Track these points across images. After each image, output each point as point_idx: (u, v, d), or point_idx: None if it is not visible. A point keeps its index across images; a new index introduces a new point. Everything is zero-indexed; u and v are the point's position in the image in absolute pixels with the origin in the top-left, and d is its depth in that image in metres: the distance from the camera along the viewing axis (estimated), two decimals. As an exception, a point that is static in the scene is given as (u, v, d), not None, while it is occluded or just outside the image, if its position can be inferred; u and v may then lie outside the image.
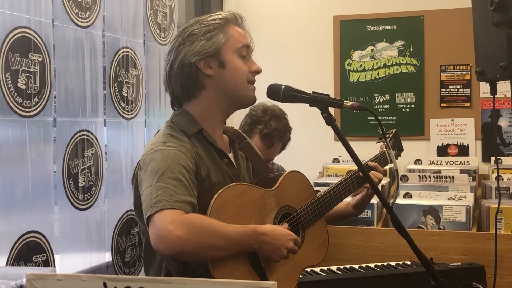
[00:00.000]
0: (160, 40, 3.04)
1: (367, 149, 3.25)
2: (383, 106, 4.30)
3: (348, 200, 2.53)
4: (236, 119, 4.14)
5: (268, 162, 3.14)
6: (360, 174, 2.36)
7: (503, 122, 4.06)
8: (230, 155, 2.24)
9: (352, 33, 4.38)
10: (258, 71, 2.20)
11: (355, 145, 2.14)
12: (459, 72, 4.16)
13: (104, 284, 0.80)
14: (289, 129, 3.12)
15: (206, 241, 1.86)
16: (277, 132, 3.03)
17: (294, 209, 2.23)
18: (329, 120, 2.06)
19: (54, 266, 2.29)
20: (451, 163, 3.94)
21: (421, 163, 3.92)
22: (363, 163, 2.22)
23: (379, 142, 2.69)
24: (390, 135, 2.83)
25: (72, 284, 0.82)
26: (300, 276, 2.30)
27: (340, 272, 2.67)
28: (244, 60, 2.18)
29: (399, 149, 2.89)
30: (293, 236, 2.05)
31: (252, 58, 2.22)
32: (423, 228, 3.13)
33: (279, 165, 3.47)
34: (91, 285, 0.81)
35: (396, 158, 2.88)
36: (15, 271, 1.28)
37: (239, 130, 2.42)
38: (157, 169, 1.96)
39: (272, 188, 2.17)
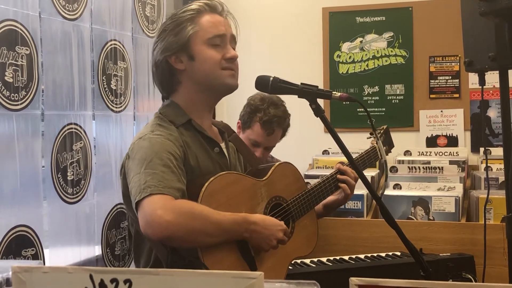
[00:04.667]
0: (148, 32, 3.03)
1: (357, 141, 3.26)
2: (373, 98, 4.31)
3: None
4: (226, 114, 4.15)
5: (268, 152, 3.16)
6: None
7: (492, 113, 4.07)
8: (222, 145, 2.23)
9: (341, 25, 4.37)
10: (233, 58, 2.15)
11: (344, 136, 2.13)
12: (448, 63, 4.16)
13: (91, 276, 0.80)
14: (288, 115, 3.13)
15: (195, 226, 1.86)
16: (277, 118, 3.04)
17: (285, 199, 2.23)
18: (317, 112, 2.05)
19: (44, 260, 2.28)
20: (440, 154, 3.95)
21: (411, 154, 3.93)
22: (353, 155, 2.22)
23: (370, 137, 2.68)
24: (381, 131, 2.82)
25: (58, 276, 0.82)
26: (290, 267, 2.30)
27: (330, 264, 2.68)
28: (217, 48, 2.13)
29: (389, 146, 2.88)
30: (283, 227, 2.06)
31: (228, 45, 2.16)
32: (413, 219, 3.14)
33: (278, 159, 3.46)
34: (77, 277, 0.81)
35: (387, 155, 2.88)
36: (1, 264, 1.27)
37: (228, 125, 2.42)
38: (145, 156, 1.96)
39: (263, 178, 2.17)
